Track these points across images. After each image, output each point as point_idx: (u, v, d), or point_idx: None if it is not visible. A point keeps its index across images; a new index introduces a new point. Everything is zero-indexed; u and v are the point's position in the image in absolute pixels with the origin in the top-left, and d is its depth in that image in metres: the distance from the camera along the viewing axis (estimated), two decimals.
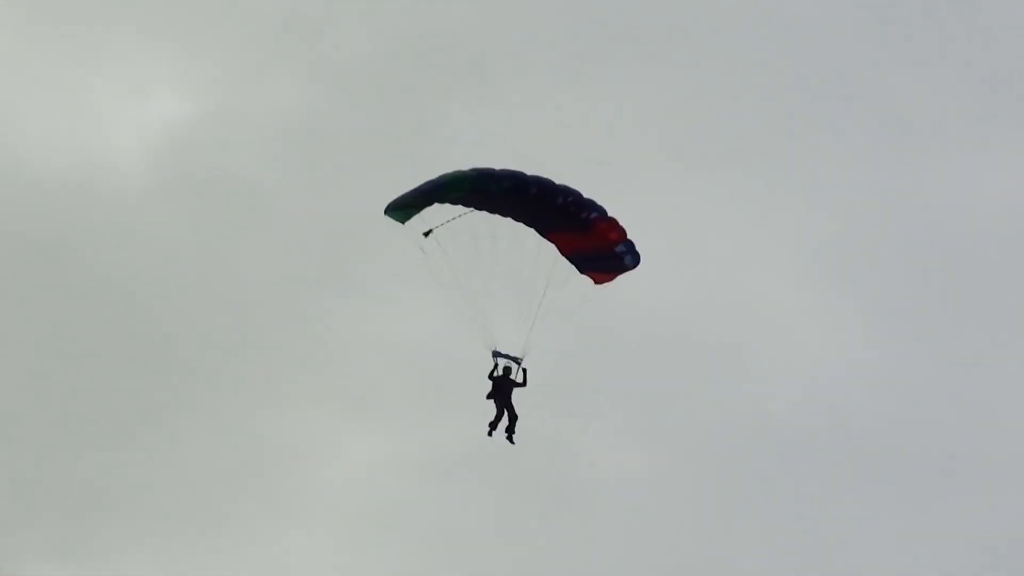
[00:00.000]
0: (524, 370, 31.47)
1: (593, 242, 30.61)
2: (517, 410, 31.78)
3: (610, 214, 30.16)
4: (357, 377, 52.77)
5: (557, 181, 30.23)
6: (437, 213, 30.34)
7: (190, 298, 54.09)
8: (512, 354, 31.40)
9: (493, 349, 31.57)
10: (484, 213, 30.26)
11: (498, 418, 32.05)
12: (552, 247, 30.56)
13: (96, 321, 54.86)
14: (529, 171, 30.36)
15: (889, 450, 51.50)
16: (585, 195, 29.98)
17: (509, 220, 30.31)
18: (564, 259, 30.67)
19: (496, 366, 31.73)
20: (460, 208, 30.18)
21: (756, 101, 56.67)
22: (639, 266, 30.82)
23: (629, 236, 30.59)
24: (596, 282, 31.25)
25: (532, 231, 30.52)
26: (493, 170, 29.91)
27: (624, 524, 50.16)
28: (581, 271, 31.00)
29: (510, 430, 31.93)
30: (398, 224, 30.59)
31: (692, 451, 51.94)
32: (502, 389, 31.89)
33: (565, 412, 49.75)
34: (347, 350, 53.29)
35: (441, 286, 30.46)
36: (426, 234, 30.10)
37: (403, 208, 30.28)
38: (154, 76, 60.05)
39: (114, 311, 54.83)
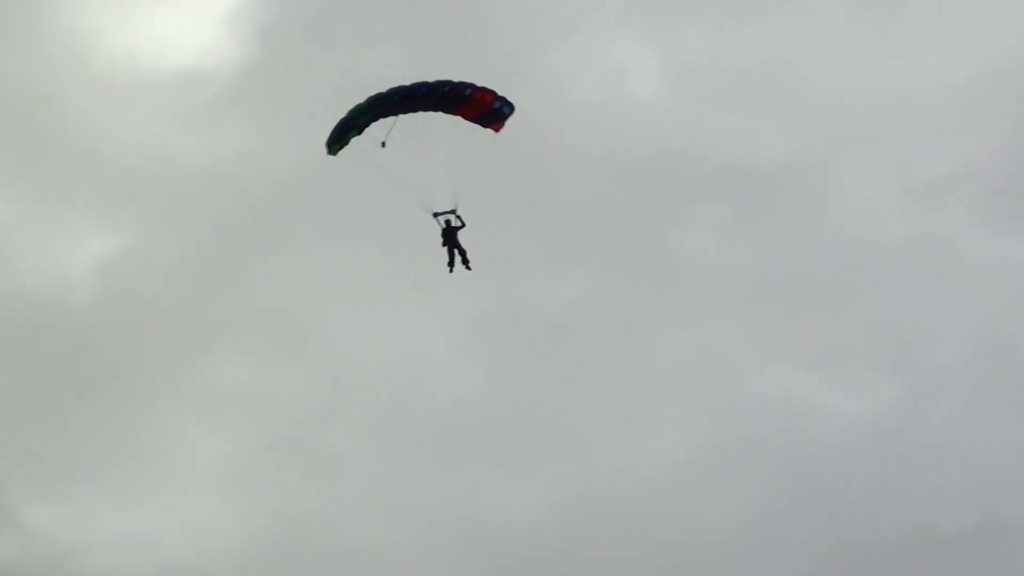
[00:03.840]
0: (459, 216, 42.95)
1: (479, 107, 41.90)
2: (464, 245, 43.18)
3: (477, 84, 41.47)
4: None
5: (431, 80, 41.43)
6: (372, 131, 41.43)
7: None
8: (446, 209, 42.79)
9: (432, 212, 42.80)
10: (406, 116, 41.12)
11: (452, 257, 43.33)
12: (460, 119, 41.72)
13: None
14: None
15: None
16: (454, 79, 41.33)
17: (429, 114, 41.31)
18: (470, 124, 41.80)
19: (447, 223, 42.86)
20: (386, 122, 41.07)
21: None
22: (515, 110, 42.11)
23: (501, 94, 41.77)
24: (496, 131, 42.42)
25: (441, 114, 41.44)
26: (381, 92, 40.93)
27: None
28: (484, 127, 42.08)
29: (465, 262, 43.50)
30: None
31: None
32: (451, 236, 43.22)
33: None
34: None
35: (393, 179, 40.70)
36: (383, 144, 40.93)
37: (332, 145, 41.60)
38: None
39: None
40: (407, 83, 41.22)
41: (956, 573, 62.24)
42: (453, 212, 43.38)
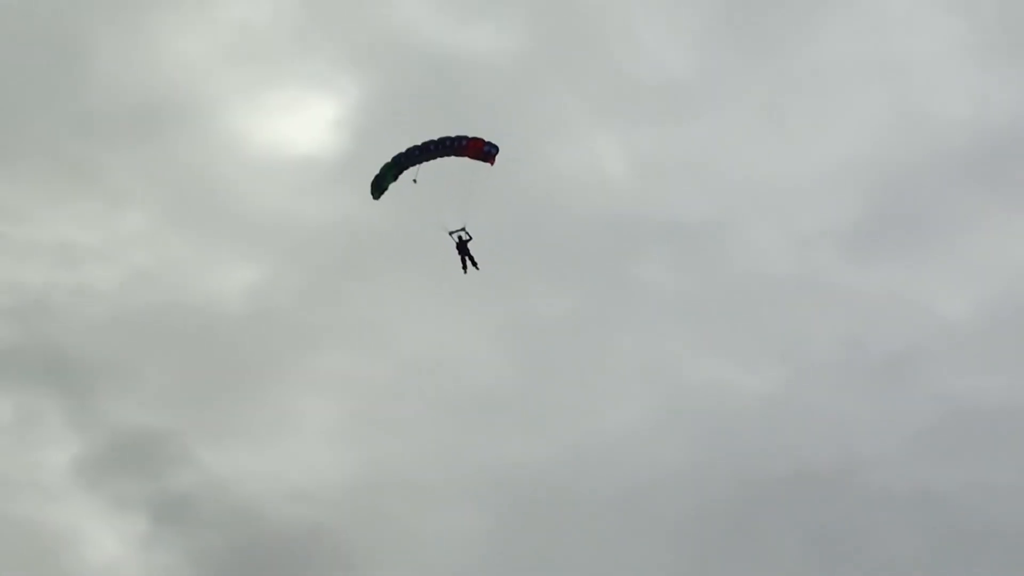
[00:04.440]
0: (467, 232, 50.13)
1: (474, 150, 48.21)
2: (472, 252, 50.26)
3: (470, 135, 47.96)
4: None
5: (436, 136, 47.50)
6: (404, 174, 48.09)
7: None
8: (457, 227, 50.19)
9: (448, 231, 50.05)
10: (426, 164, 48.22)
11: (464, 264, 50.24)
12: (465, 158, 48.25)
13: None
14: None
15: None
16: (453, 135, 47.96)
17: (442, 159, 48.12)
18: (472, 161, 48.23)
19: (459, 238, 49.95)
20: (412, 167, 48.27)
21: None
22: (499, 150, 47.92)
23: (488, 139, 48.15)
24: (491, 165, 48.14)
25: (451, 158, 48.20)
26: (402, 152, 48.03)
27: None
28: (482, 162, 47.98)
29: (475, 264, 50.42)
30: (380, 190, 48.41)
31: None
32: (463, 247, 50.18)
33: None
34: None
35: (421, 209, 47.98)
36: (415, 181, 48.32)
37: (375, 192, 48.89)
38: None
39: None
40: (419, 142, 48.07)
41: (821, 500, 75.44)
42: (463, 229, 50.43)
